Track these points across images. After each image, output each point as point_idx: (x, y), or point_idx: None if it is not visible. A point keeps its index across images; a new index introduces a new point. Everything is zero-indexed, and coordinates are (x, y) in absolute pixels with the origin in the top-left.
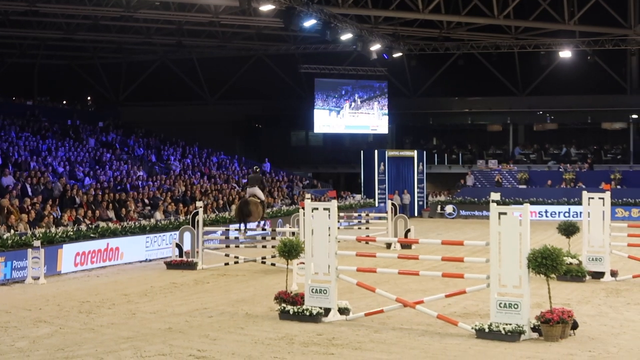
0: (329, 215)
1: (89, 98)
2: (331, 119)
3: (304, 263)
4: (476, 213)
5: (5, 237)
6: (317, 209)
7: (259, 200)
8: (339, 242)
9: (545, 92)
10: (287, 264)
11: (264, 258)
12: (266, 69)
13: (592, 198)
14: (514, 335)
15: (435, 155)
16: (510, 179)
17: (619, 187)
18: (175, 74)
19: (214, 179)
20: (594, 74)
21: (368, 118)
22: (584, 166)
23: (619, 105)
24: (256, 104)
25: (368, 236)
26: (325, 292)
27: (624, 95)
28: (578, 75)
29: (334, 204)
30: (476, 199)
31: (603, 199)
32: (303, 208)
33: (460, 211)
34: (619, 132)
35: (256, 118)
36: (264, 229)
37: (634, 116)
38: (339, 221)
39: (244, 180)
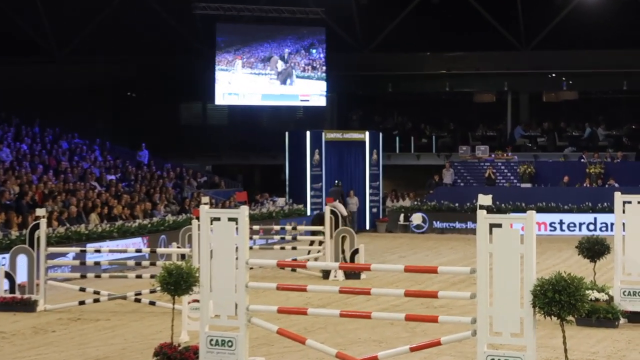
0: (237, 228)
1: None
2: (241, 85)
3: (198, 301)
4: (457, 225)
5: None
6: (218, 219)
7: (339, 215)
8: (251, 269)
9: (560, 45)
10: (174, 303)
11: (138, 293)
12: (143, 9)
13: (629, 202)
14: None
15: (397, 138)
16: (508, 174)
17: None
18: (7, 17)
19: (63, 174)
20: (631, 20)
21: (296, 84)
22: (617, 155)
23: None
24: (128, 63)
25: (295, 260)
26: (230, 344)
27: None
28: (607, 21)
29: (244, 212)
30: (457, 205)
31: None
32: (198, 218)
33: (434, 222)
34: None
35: (128, 83)
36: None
37: None
38: (251, 238)
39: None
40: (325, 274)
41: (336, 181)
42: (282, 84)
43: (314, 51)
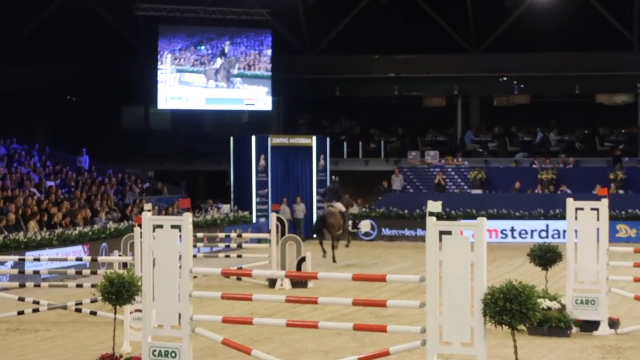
0: (181, 236)
1: None
2: (184, 89)
3: (140, 311)
4: (406, 232)
5: None
6: (161, 226)
7: (337, 211)
8: (195, 277)
9: (511, 48)
10: (115, 313)
11: (79, 303)
12: (83, 10)
13: (582, 209)
14: None
15: (345, 143)
16: (459, 180)
17: (621, 192)
18: None
19: (1, 180)
20: (585, 23)
21: (241, 87)
22: (569, 160)
23: (622, 69)
24: (68, 65)
25: (240, 268)
26: (173, 354)
27: (629, 53)
28: (559, 24)
29: (187, 219)
30: (406, 211)
31: (597, 210)
32: (140, 226)
33: (383, 229)
34: (622, 108)
35: (68, 86)
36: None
37: None
38: (195, 245)
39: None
40: (272, 282)
41: (333, 177)
42: (222, 85)
43: (253, 65)
